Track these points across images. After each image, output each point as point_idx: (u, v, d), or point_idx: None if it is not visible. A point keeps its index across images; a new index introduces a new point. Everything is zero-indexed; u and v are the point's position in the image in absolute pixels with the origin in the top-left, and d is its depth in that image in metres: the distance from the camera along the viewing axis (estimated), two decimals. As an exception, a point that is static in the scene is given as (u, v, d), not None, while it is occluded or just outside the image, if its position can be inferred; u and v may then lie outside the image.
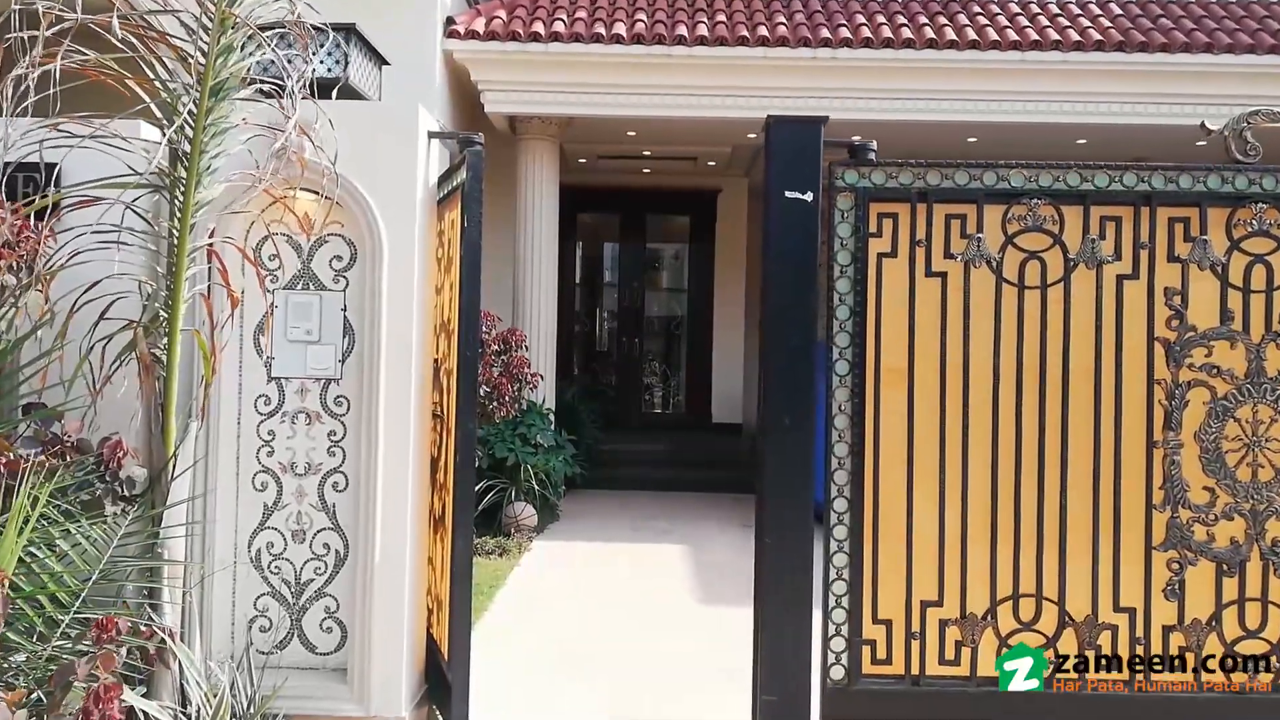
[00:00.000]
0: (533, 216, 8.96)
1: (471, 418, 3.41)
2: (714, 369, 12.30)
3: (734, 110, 8.39)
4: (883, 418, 3.43)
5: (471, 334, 3.41)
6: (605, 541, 7.37)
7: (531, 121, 8.86)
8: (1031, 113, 8.28)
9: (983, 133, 8.79)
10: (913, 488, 3.42)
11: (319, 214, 3.50)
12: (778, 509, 3.41)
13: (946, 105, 8.25)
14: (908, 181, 3.46)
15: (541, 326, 9.00)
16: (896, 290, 3.44)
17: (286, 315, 3.50)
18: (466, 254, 3.40)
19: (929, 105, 8.32)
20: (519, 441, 7.88)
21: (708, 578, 6.27)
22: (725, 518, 8.56)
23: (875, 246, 3.45)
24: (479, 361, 3.41)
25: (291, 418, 3.50)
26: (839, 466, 3.44)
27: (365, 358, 3.43)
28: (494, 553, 6.76)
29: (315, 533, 3.50)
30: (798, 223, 3.41)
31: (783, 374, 3.42)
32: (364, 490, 3.42)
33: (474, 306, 3.42)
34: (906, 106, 8.30)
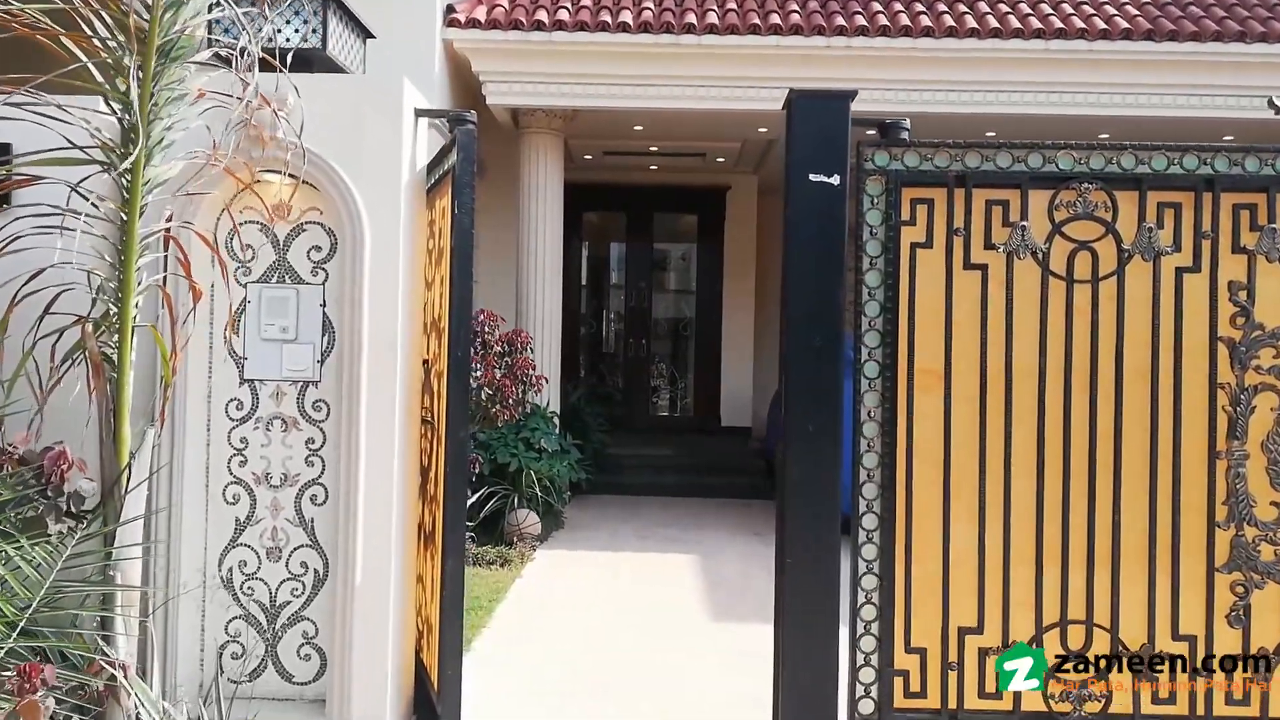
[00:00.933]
0: (536, 214, 8.65)
1: (464, 424, 3.10)
2: (723, 371, 11.98)
3: (745, 102, 8.07)
4: (916, 425, 3.11)
5: (463, 332, 3.10)
6: (612, 550, 7.05)
7: (535, 115, 8.54)
8: (1054, 104, 7.94)
9: (1002, 125, 8.44)
10: (950, 502, 3.11)
11: (295, 200, 3.20)
12: (801, 526, 3.09)
13: (966, 97, 7.91)
14: (944, 164, 3.15)
15: (546, 328, 8.69)
16: (932, 284, 3.13)
17: (260, 311, 3.19)
18: (458, 244, 3.09)
19: (948, 97, 7.99)
20: (522, 446, 7.57)
21: (719, 590, 5.95)
22: (735, 525, 8.24)
23: (908, 236, 3.13)
24: (470, 362, 3.08)
25: (266, 424, 3.19)
26: (868, 479, 3.12)
27: (346, 358, 3.12)
28: (495, 563, 6.45)
29: (292, 550, 3.19)
30: (823, 209, 3.10)
31: (806, 376, 3.10)
32: (345, 504, 3.11)
33: (466, 302, 3.11)
34: (924, 98, 7.96)
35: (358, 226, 3.09)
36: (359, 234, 3.09)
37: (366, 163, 3.12)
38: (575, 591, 5.88)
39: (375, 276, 3.12)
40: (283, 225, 3.20)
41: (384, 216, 3.12)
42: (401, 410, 3.19)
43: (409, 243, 3.21)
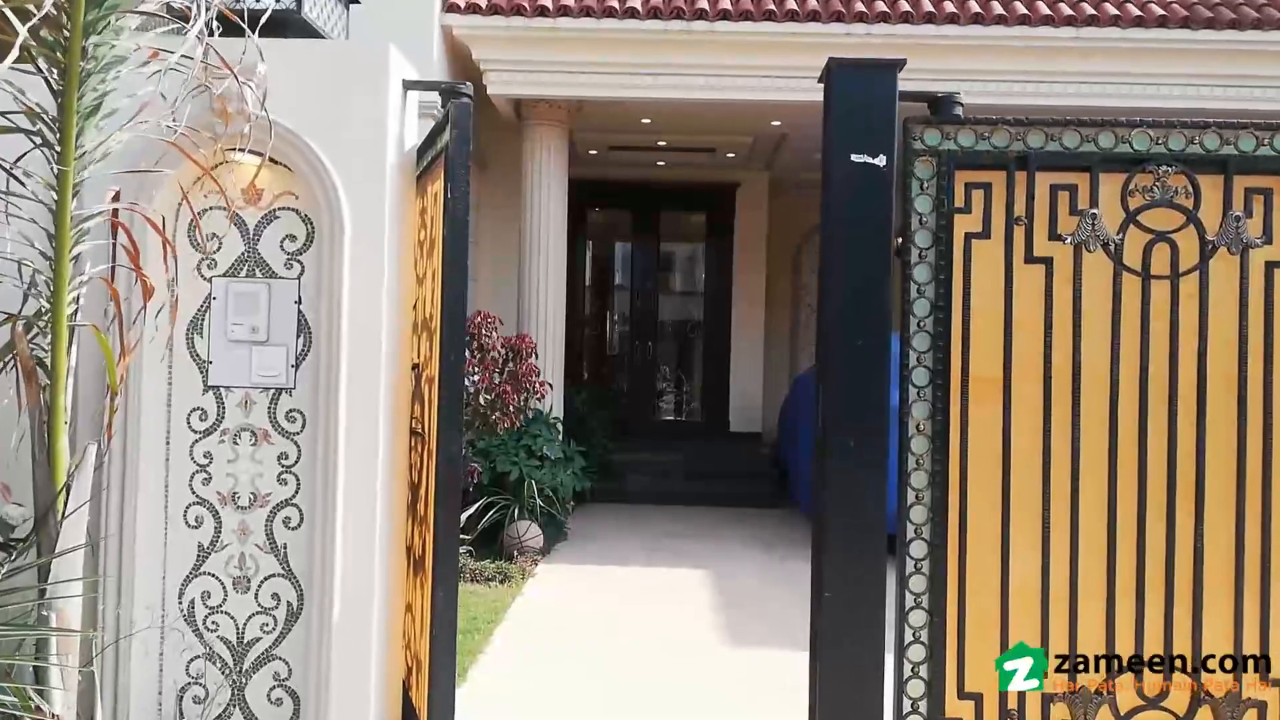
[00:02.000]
0: (539, 210, 8.28)
1: (457, 437, 2.72)
2: (731, 375, 11.60)
3: (759, 93, 7.69)
4: (971, 440, 2.74)
5: (456, 333, 2.73)
6: (618, 565, 6.67)
7: (538, 106, 8.17)
8: (1085, 95, 7.55)
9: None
10: (1009, 527, 2.73)
11: (267, 182, 2.82)
12: (841, 555, 2.71)
13: (993, 87, 7.52)
14: (1003, 144, 2.77)
15: (549, 329, 8.31)
16: (989, 280, 2.75)
17: (227, 309, 2.82)
18: (451, 233, 2.72)
19: (972, 87, 7.56)
20: (523, 454, 7.19)
21: (734, 610, 5.56)
22: (747, 536, 7.86)
23: (962, 225, 2.76)
24: (464, 367, 2.72)
25: (233, 437, 2.82)
26: (916, 501, 2.75)
27: (324, 362, 2.75)
28: (494, 579, 6.07)
29: (262, 580, 2.82)
30: (866, 194, 2.73)
31: (847, 384, 2.73)
32: (322, 527, 2.73)
33: (460, 299, 2.73)
34: (949, 90, 7.57)
35: (337, 213, 2.72)
36: (338, 221, 2.72)
37: (347, 140, 2.75)
38: (579, 612, 5.50)
39: (357, 270, 2.74)
40: (252, 211, 2.83)
41: (367, 202, 2.75)
42: (387, 421, 2.81)
43: (396, 232, 2.84)
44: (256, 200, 2.83)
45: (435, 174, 2.96)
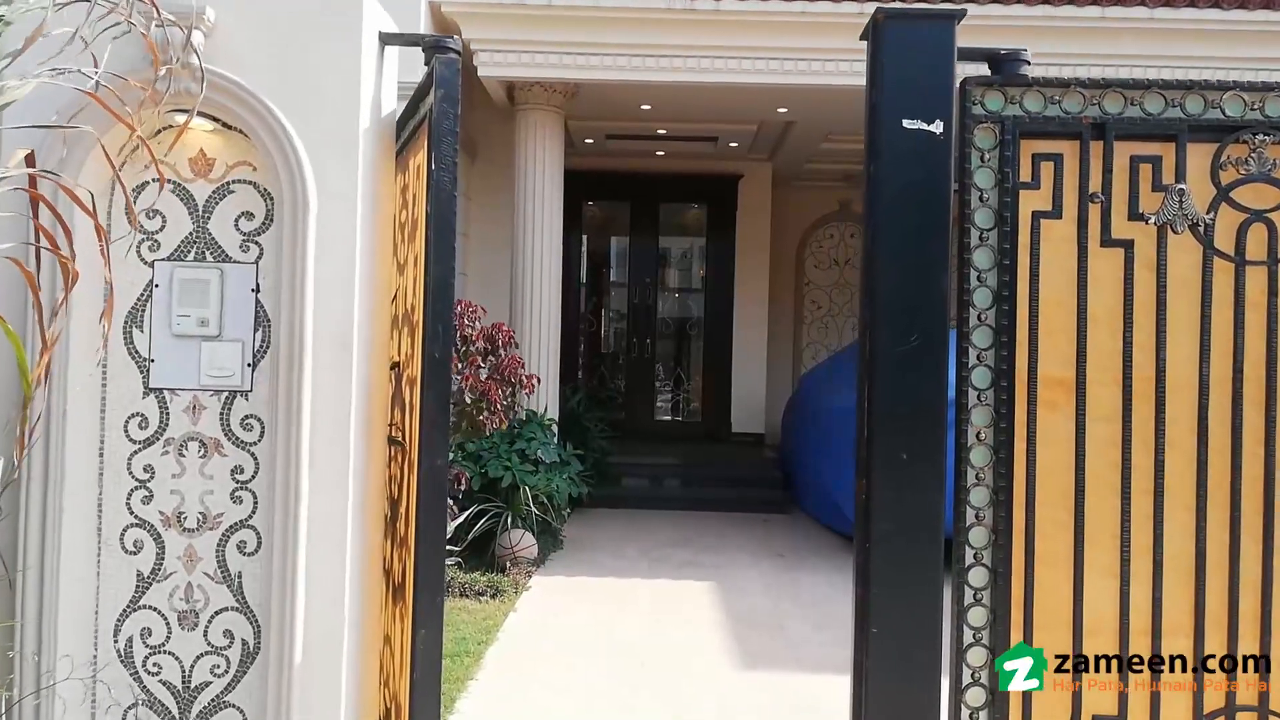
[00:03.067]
0: (533, 200, 7.87)
1: (441, 446, 2.33)
2: (734, 374, 11.21)
3: (766, 75, 7.29)
4: (1040, 451, 2.36)
5: (442, 326, 2.33)
6: (617, 577, 6.27)
7: (532, 90, 7.77)
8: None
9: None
10: (1083, 552, 2.36)
11: (221, 150, 2.42)
12: (891, 587, 2.32)
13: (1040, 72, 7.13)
14: (1076, 109, 2.39)
15: (543, 326, 7.92)
16: (1060, 266, 2.38)
17: (172, 298, 2.41)
18: (436, 208, 2.32)
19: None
20: (516, 458, 6.79)
21: (745, 628, 5.17)
22: (755, 545, 7.47)
23: (1029, 202, 2.38)
24: (450, 365, 2.32)
25: (179, 447, 2.42)
26: (976, 521, 2.37)
27: (286, 360, 2.34)
28: (485, 593, 5.67)
29: (213, 615, 2.42)
30: (920, 166, 2.34)
31: (897, 387, 2.34)
32: (282, 553, 2.33)
33: (446, 286, 2.34)
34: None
35: (300, 186, 2.31)
36: (301, 196, 2.31)
37: (313, 102, 2.34)
38: (577, 631, 5.10)
39: (324, 252, 2.34)
40: (202, 185, 2.43)
41: (336, 173, 2.34)
42: (360, 427, 2.41)
43: (371, 209, 2.44)
44: (207, 171, 2.42)
45: (418, 146, 2.57)
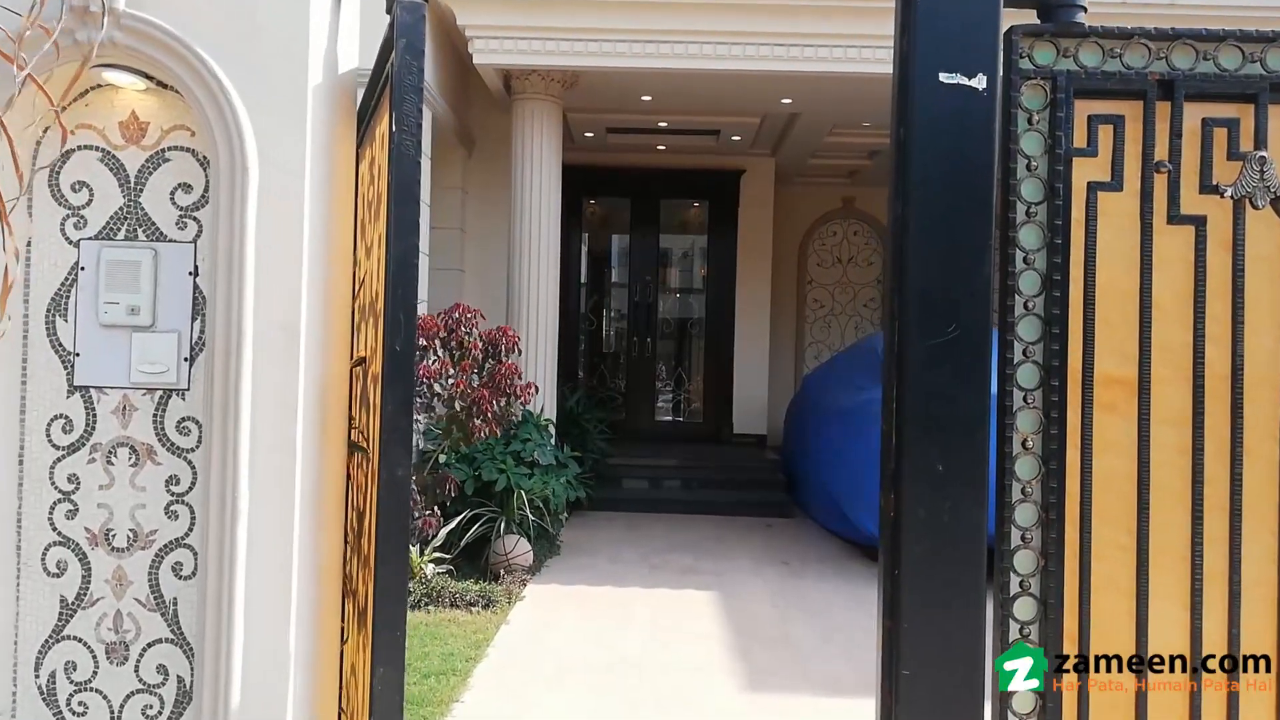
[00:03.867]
0: (531, 193, 7.56)
1: (402, 454, 2.01)
2: (735, 374, 10.89)
3: (771, 62, 6.97)
4: (1097, 461, 2.03)
5: (403, 313, 2.02)
6: (615, 585, 5.95)
7: (530, 78, 7.46)
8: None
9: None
10: (1146, 577, 2.03)
11: (154, 112, 2.11)
12: (925, 620, 2.00)
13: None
14: (1139, 63, 2.06)
15: (541, 325, 7.61)
16: (1120, 245, 2.04)
17: (99, 282, 2.10)
18: (397, 176, 2.01)
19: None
20: (511, 461, 6.48)
21: (750, 642, 4.86)
22: (759, 551, 7.15)
23: (1084, 172, 2.05)
24: (415, 358, 2.00)
25: (107, 454, 2.10)
26: (1022, 543, 2.04)
27: (223, 353, 2.03)
28: (477, 604, 5.35)
29: (145, 647, 2.11)
30: (958, 129, 2.01)
31: (931, 387, 2.01)
32: (218, 578, 2.02)
33: (407, 266, 2.03)
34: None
35: (239, 149, 2.00)
36: (240, 160, 2.00)
37: (255, 54, 2.03)
38: (573, 645, 4.79)
39: (268, 228, 2.03)
40: (134, 152, 2.12)
41: (282, 135, 2.03)
42: (311, 431, 2.10)
43: (324, 178, 2.12)
44: (139, 137, 2.11)
45: (382, 111, 2.25)
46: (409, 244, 2.04)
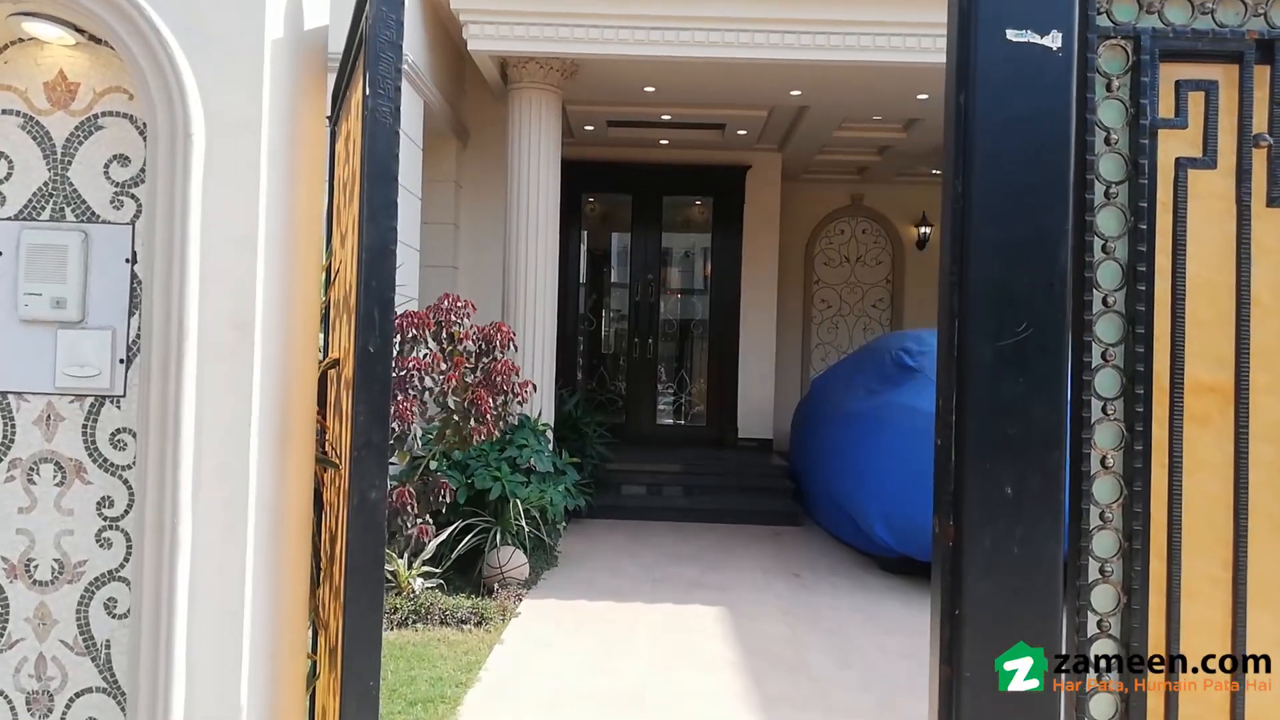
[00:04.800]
0: (528, 188, 7.25)
1: (376, 471, 1.72)
2: (740, 376, 10.59)
3: (781, 50, 6.68)
4: (1187, 482, 1.74)
5: (378, 308, 1.72)
6: (617, 600, 5.65)
7: (528, 66, 7.15)
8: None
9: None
10: (1245, 620, 1.74)
11: (87, 72, 1.81)
12: (991, 674, 1.70)
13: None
14: (1234, 20, 1.78)
15: (538, 324, 7.31)
16: (1213, 232, 1.76)
17: (19, 270, 1.80)
18: (371, 147, 1.71)
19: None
20: (506, 467, 6.17)
21: (763, 664, 4.55)
22: (768, 562, 6.85)
23: (1172, 146, 1.76)
24: (391, 358, 1.69)
25: (28, 471, 1.80)
26: (1100, 577, 1.75)
27: (161, 352, 1.72)
28: (469, 621, 5.05)
29: (72, 698, 1.80)
30: (1028, 95, 1.71)
31: (998, 395, 1.72)
32: (154, 619, 1.71)
33: (382, 253, 1.73)
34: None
35: (180, 112, 1.69)
36: (183, 124, 1.69)
37: (203, 3, 1.72)
38: (571, 670, 4.48)
39: (217, 206, 1.72)
40: (63, 118, 1.81)
41: (233, 98, 1.72)
42: (269, 443, 1.80)
43: (284, 147, 1.82)
44: (68, 101, 1.81)
45: (358, 78, 1.95)
46: (385, 227, 1.74)
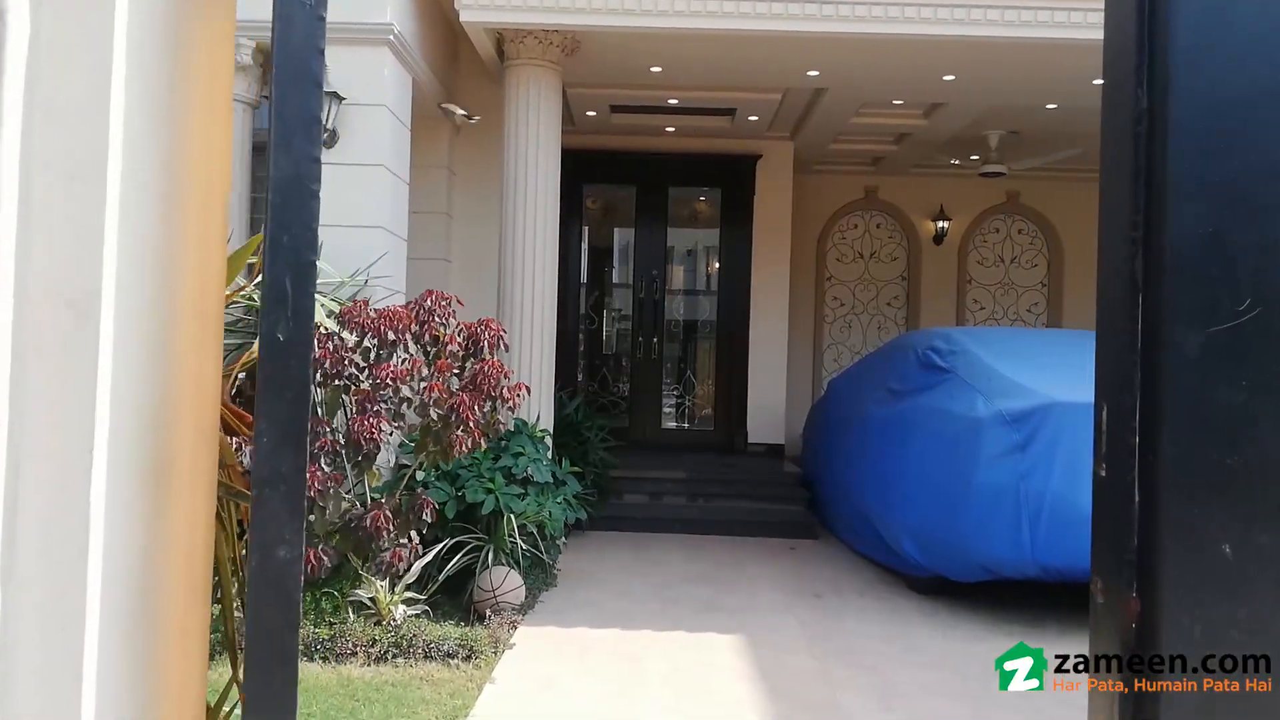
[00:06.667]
0: (525, 172, 6.68)
1: (288, 516, 1.15)
2: (750, 377, 10.03)
3: (799, 22, 6.12)
4: None
5: (292, 276, 1.15)
6: (623, 628, 5.08)
7: (525, 41, 6.58)
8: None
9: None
10: None
11: None
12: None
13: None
14: None
15: (536, 322, 6.74)
16: None
17: None
18: (286, 37, 1.15)
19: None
20: (501, 478, 5.60)
21: (791, 708, 3.98)
22: (785, 580, 6.28)
23: None
24: (312, 348, 1.10)
25: None
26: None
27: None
28: (456, 655, 4.47)
29: None
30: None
31: (1212, 404, 1.15)
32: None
33: (301, 194, 1.16)
34: (1064, 19, 6.06)
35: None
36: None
37: None
38: (571, 718, 3.90)
39: (43, 121, 1.15)
40: None
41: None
42: (127, 473, 1.22)
43: (158, 46, 1.24)
44: None
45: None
46: (303, 156, 1.18)
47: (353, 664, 4.38)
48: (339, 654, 4.43)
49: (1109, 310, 1.23)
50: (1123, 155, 1.21)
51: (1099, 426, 1.24)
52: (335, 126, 5.75)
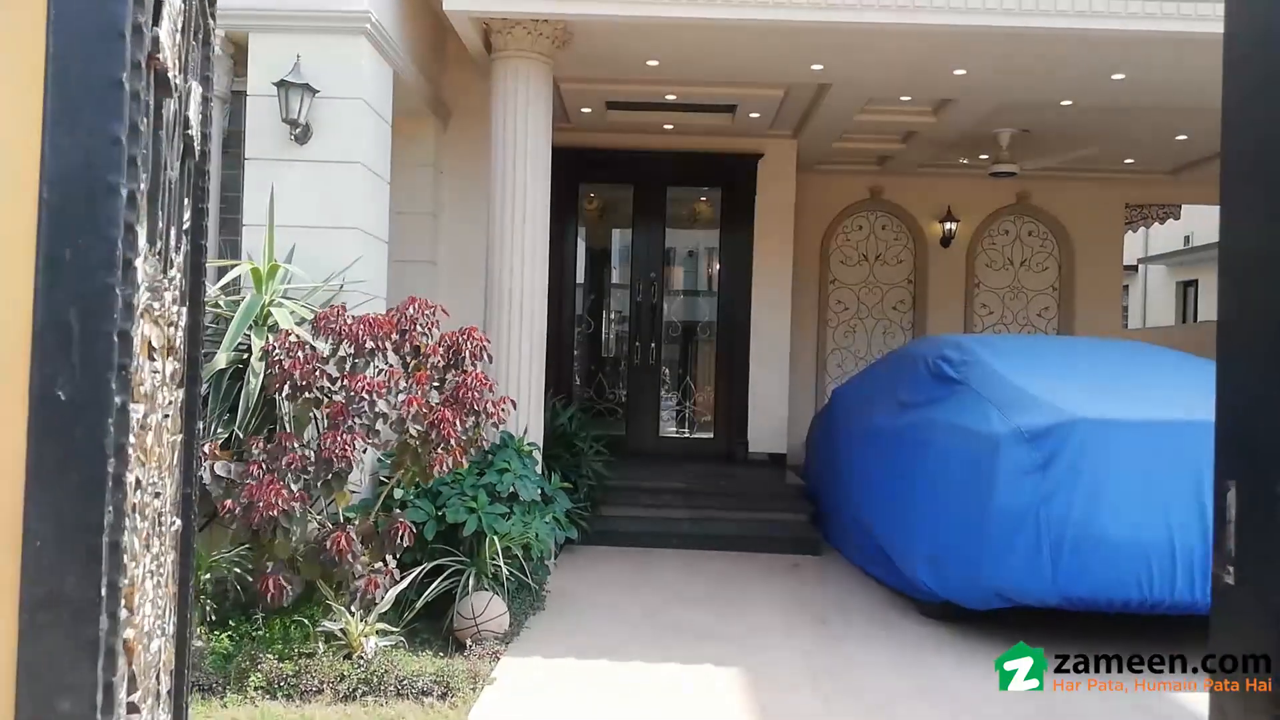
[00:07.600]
0: (514, 169, 6.32)
1: (69, 668, 0.79)
2: (751, 383, 9.66)
3: (804, 11, 5.77)
4: None
5: (78, 306, 0.80)
6: (613, 659, 4.72)
7: (514, 31, 6.21)
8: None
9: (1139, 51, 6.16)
10: None
11: None
12: None
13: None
14: None
15: (526, 326, 6.38)
16: None
17: None
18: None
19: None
20: (485, 496, 5.25)
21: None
22: (786, 602, 5.92)
23: None
24: (109, 410, 0.74)
25: None
26: None
27: None
28: (432, 692, 4.12)
29: None
30: None
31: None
32: None
33: (93, 195, 0.81)
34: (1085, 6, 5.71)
35: None
36: None
37: None
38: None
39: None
40: None
41: None
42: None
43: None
44: None
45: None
46: (98, 138, 0.83)
47: (318, 702, 4.03)
48: (304, 691, 4.08)
49: (1232, 307, 0.88)
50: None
51: (1220, 514, 0.90)
52: (308, 121, 5.40)
